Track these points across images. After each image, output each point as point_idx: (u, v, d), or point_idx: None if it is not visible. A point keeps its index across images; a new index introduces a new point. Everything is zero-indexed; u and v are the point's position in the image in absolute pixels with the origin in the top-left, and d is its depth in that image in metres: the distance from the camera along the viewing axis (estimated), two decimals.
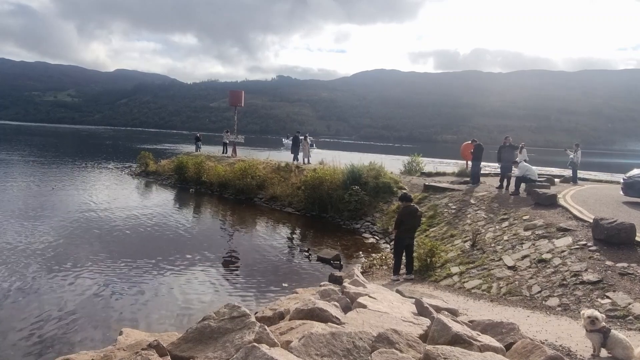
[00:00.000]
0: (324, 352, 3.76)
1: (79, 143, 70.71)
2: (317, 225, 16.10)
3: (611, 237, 7.76)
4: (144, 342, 4.21)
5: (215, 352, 3.98)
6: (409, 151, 25.28)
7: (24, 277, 8.99)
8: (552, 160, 55.95)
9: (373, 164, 18.74)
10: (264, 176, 21.12)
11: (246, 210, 18.65)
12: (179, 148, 51.22)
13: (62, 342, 6.41)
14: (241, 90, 31.78)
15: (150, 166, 28.49)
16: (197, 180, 23.54)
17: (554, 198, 11.50)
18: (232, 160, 25.61)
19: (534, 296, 7.17)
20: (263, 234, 14.60)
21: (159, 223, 14.89)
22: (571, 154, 18.26)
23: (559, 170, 28.97)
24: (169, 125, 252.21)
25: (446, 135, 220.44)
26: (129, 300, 8.17)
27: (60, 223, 13.92)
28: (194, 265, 10.54)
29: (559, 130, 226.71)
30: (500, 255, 9.12)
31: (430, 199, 15.17)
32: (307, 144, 24.98)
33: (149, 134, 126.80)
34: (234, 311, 4.44)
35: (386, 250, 12.57)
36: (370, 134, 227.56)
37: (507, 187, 14.25)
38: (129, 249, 11.58)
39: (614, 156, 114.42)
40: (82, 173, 28.38)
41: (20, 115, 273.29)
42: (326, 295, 6.21)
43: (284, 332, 4.73)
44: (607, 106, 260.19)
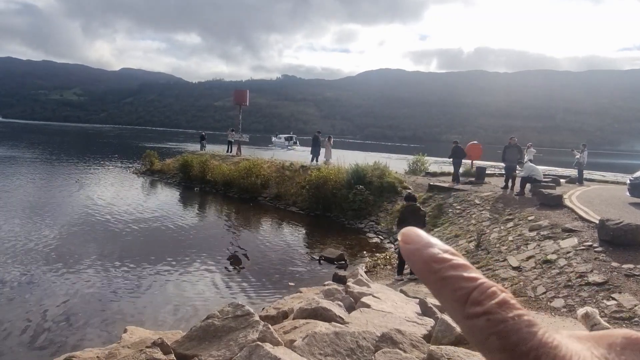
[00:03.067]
0: (328, 352, 3.75)
1: (84, 142, 71.10)
2: (321, 225, 16.09)
3: (617, 238, 7.71)
4: (149, 340, 4.23)
5: (219, 351, 3.99)
6: (413, 151, 25.22)
7: (29, 274, 9.04)
8: (557, 161, 55.64)
9: (377, 163, 18.69)
10: (268, 175, 21.12)
11: (250, 209, 18.68)
12: (183, 147, 51.37)
13: (67, 340, 6.44)
14: (246, 90, 31.76)
15: (155, 165, 28.57)
16: (201, 179, 23.57)
17: (559, 198, 11.44)
18: (236, 159, 25.63)
19: (539, 297, 7.13)
20: (267, 233, 14.61)
21: (164, 221, 14.94)
22: (578, 154, 18.12)
23: (564, 171, 28.81)
24: (174, 124, 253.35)
25: (451, 135, 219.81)
26: (133, 298, 8.20)
27: (65, 221, 13.99)
28: (198, 263, 10.56)
29: (564, 130, 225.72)
30: (505, 255, 9.08)
31: (435, 198, 15.12)
32: (329, 144, 23.66)
33: (154, 133, 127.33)
34: (238, 310, 4.45)
35: (390, 249, 12.54)
36: (375, 134, 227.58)
37: (512, 188, 14.19)
38: (134, 247, 11.62)
39: (620, 157, 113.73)
40: (87, 171, 28.52)
41: (26, 114, 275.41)
42: (330, 294, 6.20)
43: (287, 331, 4.73)
44: (613, 106, 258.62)
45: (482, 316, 0.28)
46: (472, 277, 0.30)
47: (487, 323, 0.28)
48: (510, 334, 0.27)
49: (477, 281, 0.30)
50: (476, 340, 0.29)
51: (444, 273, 0.31)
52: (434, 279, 0.31)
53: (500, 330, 0.27)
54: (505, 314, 0.28)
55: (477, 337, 0.29)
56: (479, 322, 0.28)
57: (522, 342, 0.26)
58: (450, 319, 4.38)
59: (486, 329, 0.28)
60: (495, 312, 0.28)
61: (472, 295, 0.29)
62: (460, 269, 0.31)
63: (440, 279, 0.31)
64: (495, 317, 0.28)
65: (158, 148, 36.97)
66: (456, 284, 0.30)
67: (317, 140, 23.33)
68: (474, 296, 0.29)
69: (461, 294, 0.29)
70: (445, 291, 0.30)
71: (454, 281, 0.30)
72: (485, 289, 0.30)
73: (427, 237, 0.34)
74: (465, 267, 0.31)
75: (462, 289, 0.30)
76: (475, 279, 0.30)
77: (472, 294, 0.29)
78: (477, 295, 0.29)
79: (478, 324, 0.28)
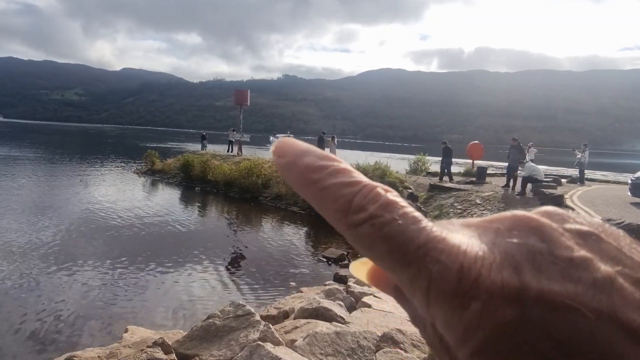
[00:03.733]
0: (329, 351, 3.75)
1: (86, 142, 71.19)
2: (322, 224, 16.07)
3: None
4: (149, 340, 4.23)
5: (220, 350, 3.99)
6: (414, 151, 25.19)
7: (29, 274, 9.05)
8: (558, 160, 55.59)
9: (378, 163, 18.70)
10: (269, 175, 21.13)
11: (251, 209, 18.68)
12: (184, 147, 51.42)
13: (68, 339, 6.45)
14: (247, 90, 31.79)
15: (156, 165, 28.60)
16: (202, 178, 23.59)
17: (560, 199, 11.43)
18: (237, 159, 25.65)
19: None
20: (268, 232, 14.62)
21: (165, 221, 14.95)
22: (579, 154, 18.12)
23: (565, 171, 28.78)
24: (175, 123, 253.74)
25: (452, 135, 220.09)
26: (134, 297, 8.20)
27: (66, 221, 14.01)
28: (199, 263, 10.57)
29: (565, 130, 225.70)
30: None
31: (436, 198, 15.11)
32: (333, 144, 23.23)
33: (155, 133, 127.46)
34: (239, 309, 4.45)
35: None
36: (376, 134, 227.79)
37: (514, 187, 14.18)
38: (135, 247, 11.62)
39: (622, 156, 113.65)
40: (88, 171, 28.55)
41: (28, 114, 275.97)
42: (331, 294, 6.21)
43: (288, 331, 4.73)
44: (614, 106, 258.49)
45: (366, 222, 0.26)
46: (354, 182, 0.27)
47: (371, 229, 0.26)
48: (395, 235, 0.25)
49: (359, 185, 0.27)
50: (364, 249, 0.27)
51: (323, 183, 0.28)
52: (314, 191, 0.28)
53: (385, 234, 0.25)
54: (389, 216, 0.26)
55: (364, 245, 0.26)
56: (364, 229, 0.26)
57: (409, 242, 0.25)
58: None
59: (371, 235, 0.26)
60: (379, 216, 0.26)
61: (354, 201, 0.26)
62: (340, 174, 0.28)
63: (319, 189, 0.28)
64: (379, 221, 0.26)
65: (159, 148, 36.99)
66: (337, 192, 0.27)
67: (322, 140, 23.25)
68: (356, 202, 0.26)
69: (343, 202, 0.27)
70: (326, 202, 0.28)
71: (334, 189, 0.27)
72: (368, 191, 0.27)
73: (303, 146, 0.30)
74: (346, 172, 0.28)
75: (343, 197, 0.27)
76: (357, 183, 0.27)
77: (354, 200, 0.26)
78: (359, 200, 0.26)
79: (362, 231, 0.26)
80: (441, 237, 0.25)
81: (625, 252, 0.22)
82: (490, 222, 0.27)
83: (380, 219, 0.26)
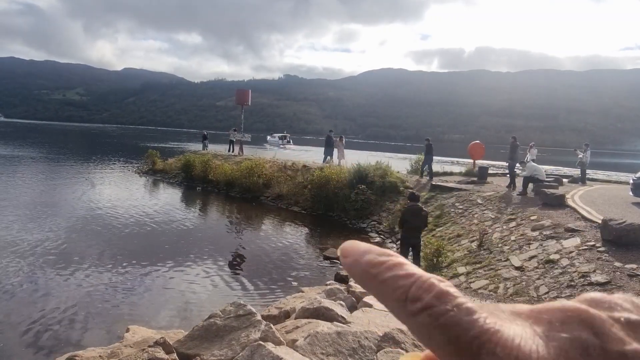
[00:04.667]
0: (330, 351, 3.75)
1: (87, 141, 71.27)
2: (323, 224, 16.09)
3: (620, 238, 7.69)
4: (151, 339, 4.24)
5: (221, 350, 3.99)
6: (416, 150, 25.16)
7: (30, 273, 9.06)
8: (560, 160, 55.52)
9: (379, 163, 18.68)
10: (270, 175, 21.13)
11: (252, 208, 18.69)
12: (185, 146, 51.45)
13: (70, 339, 6.46)
14: (248, 89, 31.85)
15: (157, 164, 28.62)
16: (203, 178, 23.60)
17: (562, 198, 11.41)
18: (238, 158, 25.65)
19: (542, 297, 7.11)
20: (269, 232, 14.62)
21: (166, 221, 14.96)
22: (580, 153, 18.08)
23: (567, 170, 28.73)
24: (176, 123, 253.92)
25: (453, 134, 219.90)
26: (135, 297, 8.21)
27: (67, 220, 14.03)
28: (200, 263, 10.58)
29: (567, 130, 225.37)
30: (507, 255, 9.06)
31: (437, 198, 15.10)
32: (341, 144, 22.90)
33: (157, 133, 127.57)
34: (240, 309, 4.45)
35: (393, 249, 12.51)
36: (377, 133, 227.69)
37: (514, 187, 14.16)
38: (136, 247, 11.64)
39: (623, 156, 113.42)
40: (90, 171, 28.60)
41: (29, 114, 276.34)
42: (332, 294, 6.21)
43: (289, 331, 4.73)
44: (616, 106, 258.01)
45: (423, 312, 0.27)
46: (408, 274, 0.29)
47: (428, 318, 0.27)
48: (451, 326, 0.26)
49: (414, 277, 0.29)
50: (423, 338, 0.28)
51: (381, 276, 0.30)
52: (375, 284, 0.30)
53: (441, 324, 0.26)
54: (444, 306, 0.27)
55: (422, 334, 0.28)
56: (421, 319, 0.27)
57: (463, 333, 0.26)
58: None
59: (428, 325, 0.27)
60: (434, 306, 0.27)
61: (410, 292, 0.28)
62: (396, 268, 0.30)
63: (379, 283, 0.30)
64: (435, 311, 0.27)
65: (160, 148, 36.96)
66: (394, 284, 0.29)
67: (330, 140, 22.77)
68: (412, 292, 0.28)
69: (400, 293, 0.29)
70: (387, 294, 0.29)
71: (391, 281, 0.29)
72: (422, 282, 0.29)
73: (364, 246, 0.32)
74: (401, 265, 0.30)
75: (400, 288, 0.29)
76: (411, 275, 0.29)
77: (410, 291, 0.28)
78: (415, 291, 0.28)
79: (420, 320, 0.27)
80: (495, 329, 0.25)
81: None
82: (540, 312, 0.28)
83: (436, 309, 0.27)
